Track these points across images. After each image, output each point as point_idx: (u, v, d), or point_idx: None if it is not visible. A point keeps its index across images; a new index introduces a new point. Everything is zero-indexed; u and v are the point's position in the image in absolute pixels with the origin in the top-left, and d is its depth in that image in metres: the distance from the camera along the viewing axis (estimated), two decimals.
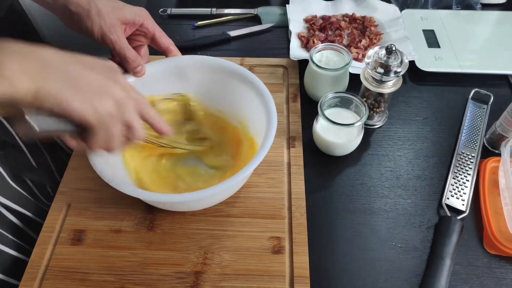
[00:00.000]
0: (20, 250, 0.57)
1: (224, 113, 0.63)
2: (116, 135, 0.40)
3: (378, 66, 0.58)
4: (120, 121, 0.40)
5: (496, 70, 0.74)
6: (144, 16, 0.56)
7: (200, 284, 0.49)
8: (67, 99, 0.36)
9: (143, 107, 0.43)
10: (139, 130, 0.43)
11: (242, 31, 0.84)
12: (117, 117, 0.40)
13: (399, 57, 0.58)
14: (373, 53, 0.59)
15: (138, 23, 0.56)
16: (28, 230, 0.59)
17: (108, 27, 0.52)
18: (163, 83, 0.60)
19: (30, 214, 0.59)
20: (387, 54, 0.57)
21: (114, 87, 0.40)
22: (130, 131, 0.42)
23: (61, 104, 0.36)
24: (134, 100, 0.42)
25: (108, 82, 0.40)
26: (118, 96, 0.40)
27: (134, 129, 0.42)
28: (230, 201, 0.56)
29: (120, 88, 0.40)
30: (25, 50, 0.35)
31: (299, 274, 0.50)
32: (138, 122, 0.43)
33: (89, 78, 0.38)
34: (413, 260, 0.52)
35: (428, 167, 0.62)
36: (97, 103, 0.38)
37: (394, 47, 0.56)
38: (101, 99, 0.38)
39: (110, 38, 0.52)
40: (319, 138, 0.61)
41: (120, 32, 0.53)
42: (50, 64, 0.36)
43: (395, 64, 0.57)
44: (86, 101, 0.37)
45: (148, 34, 0.58)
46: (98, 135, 0.39)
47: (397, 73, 0.58)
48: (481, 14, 0.87)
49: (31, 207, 0.60)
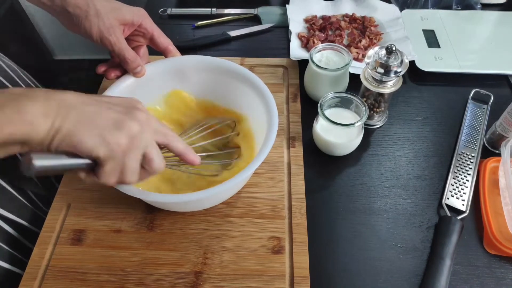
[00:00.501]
0: (14, 263, 0.55)
1: (224, 113, 0.63)
2: (129, 168, 0.40)
3: (378, 66, 0.58)
4: (134, 154, 0.39)
5: (496, 70, 0.74)
6: (142, 16, 0.56)
7: (200, 284, 0.49)
8: (76, 135, 0.36)
9: (170, 139, 0.43)
10: (157, 162, 0.42)
11: (242, 31, 0.84)
12: (130, 150, 0.39)
13: (399, 57, 0.58)
14: (373, 53, 0.59)
15: (137, 24, 0.56)
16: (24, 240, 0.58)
17: (107, 28, 0.51)
18: (163, 83, 0.60)
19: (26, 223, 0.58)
20: (387, 54, 0.57)
21: (130, 122, 0.39)
22: (149, 163, 0.41)
23: (70, 139, 0.36)
24: (154, 132, 0.41)
25: (124, 117, 0.39)
26: (133, 130, 0.39)
27: (152, 161, 0.41)
28: (230, 201, 0.56)
29: (137, 123, 0.40)
30: (48, 94, 0.37)
31: (299, 274, 0.49)
32: (157, 154, 0.42)
33: (105, 116, 0.38)
34: (413, 260, 0.52)
35: (428, 167, 0.62)
36: (108, 137, 0.37)
37: (394, 47, 0.56)
38: (112, 133, 0.38)
39: (109, 39, 0.52)
40: (319, 138, 0.61)
41: (119, 33, 0.53)
42: (69, 106, 0.37)
43: (395, 64, 0.57)
44: (96, 136, 0.37)
45: (147, 34, 0.58)
46: (109, 169, 0.39)
47: (397, 73, 0.58)
48: (481, 14, 0.87)
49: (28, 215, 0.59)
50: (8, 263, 0.54)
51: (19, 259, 0.56)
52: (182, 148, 0.44)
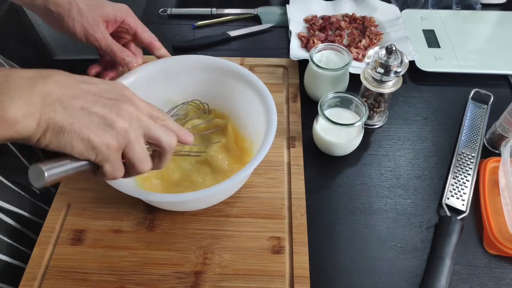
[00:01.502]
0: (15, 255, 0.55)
1: (224, 113, 0.63)
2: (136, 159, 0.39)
3: (378, 66, 0.58)
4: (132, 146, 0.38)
5: (496, 70, 0.74)
6: (125, 12, 0.55)
7: (200, 284, 0.49)
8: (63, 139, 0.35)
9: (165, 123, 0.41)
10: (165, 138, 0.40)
11: (242, 31, 0.84)
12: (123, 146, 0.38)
13: (399, 57, 0.58)
14: (373, 53, 0.59)
15: (120, 20, 0.55)
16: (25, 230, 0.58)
17: (91, 25, 0.51)
18: (163, 83, 0.60)
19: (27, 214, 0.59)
20: (387, 54, 0.57)
21: (117, 119, 0.37)
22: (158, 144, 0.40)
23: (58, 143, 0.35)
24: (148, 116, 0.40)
25: (111, 115, 0.37)
26: (122, 126, 0.37)
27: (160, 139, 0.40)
28: (230, 201, 0.56)
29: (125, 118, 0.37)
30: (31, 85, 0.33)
31: (299, 274, 0.50)
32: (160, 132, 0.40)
33: (92, 113, 0.36)
34: (413, 260, 0.52)
35: (428, 167, 0.62)
36: (96, 140, 0.36)
37: (394, 47, 0.56)
38: (100, 135, 0.36)
39: (95, 36, 0.52)
40: (319, 138, 0.61)
41: (103, 29, 0.52)
42: (54, 102, 0.34)
43: (395, 64, 0.57)
44: (84, 140, 0.35)
45: (130, 30, 0.57)
46: (108, 168, 0.38)
47: (397, 73, 0.58)
48: (481, 14, 0.87)
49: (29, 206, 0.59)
50: (9, 256, 0.55)
51: (20, 251, 0.56)
52: (176, 128, 0.43)
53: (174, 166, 0.58)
